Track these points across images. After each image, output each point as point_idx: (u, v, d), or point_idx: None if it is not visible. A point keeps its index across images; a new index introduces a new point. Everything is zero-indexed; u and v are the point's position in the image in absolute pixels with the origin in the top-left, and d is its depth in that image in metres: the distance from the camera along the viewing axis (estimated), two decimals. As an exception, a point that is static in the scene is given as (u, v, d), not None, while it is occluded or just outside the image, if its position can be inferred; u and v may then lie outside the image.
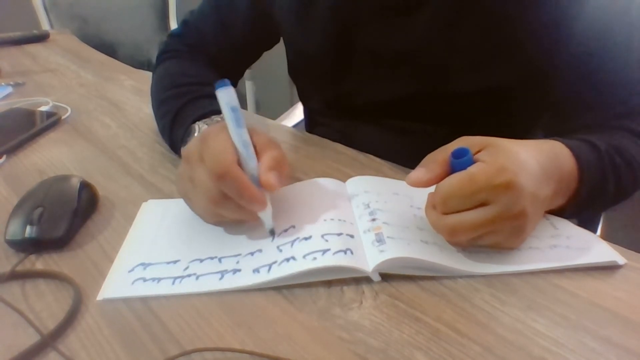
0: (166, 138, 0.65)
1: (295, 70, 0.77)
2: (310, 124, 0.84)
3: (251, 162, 0.45)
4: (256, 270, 0.42)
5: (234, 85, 0.80)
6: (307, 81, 0.77)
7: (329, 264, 0.41)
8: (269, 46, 0.80)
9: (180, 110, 0.62)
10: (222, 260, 0.44)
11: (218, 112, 0.57)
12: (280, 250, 0.44)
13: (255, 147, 0.46)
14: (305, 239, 0.44)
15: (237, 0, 0.73)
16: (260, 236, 0.47)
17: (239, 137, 0.45)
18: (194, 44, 0.76)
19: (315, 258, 0.41)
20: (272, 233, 0.46)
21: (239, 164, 0.44)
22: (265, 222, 0.46)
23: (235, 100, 0.45)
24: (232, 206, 0.44)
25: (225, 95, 0.45)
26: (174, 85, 0.67)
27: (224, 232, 0.48)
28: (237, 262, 0.43)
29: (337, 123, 0.76)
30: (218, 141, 0.44)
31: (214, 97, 0.61)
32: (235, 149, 0.44)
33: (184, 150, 0.48)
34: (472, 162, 0.42)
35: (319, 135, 0.72)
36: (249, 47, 0.79)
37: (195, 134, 0.56)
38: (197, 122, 0.57)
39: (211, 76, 0.70)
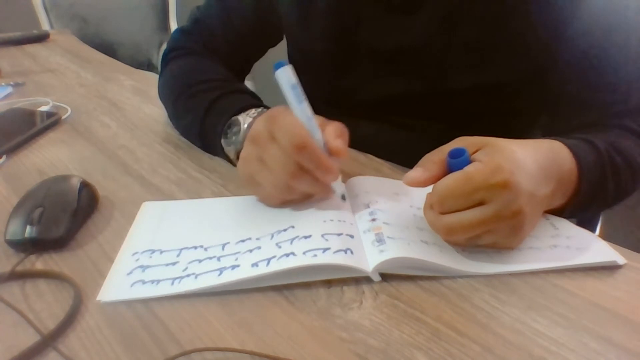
0: (194, 130, 0.64)
1: (296, 67, 0.77)
2: None
3: (317, 134, 0.47)
4: (255, 264, 0.42)
5: (241, 82, 0.81)
6: (307, 78, 0.77)
7: (329, 262, 0.41)
8: (274, 43, 0.81)
9: (214, 102, 0.61)
10: (221, 259, 0.44)
11: (256, 105, 0.58)
12: (280, 247, 0.44)
13: None
14: (305, 237, 0.44)
15: None
16: (258, 230, 0.47)
17: (302, 112, 0.46)
18: (206, 41, 0.76)
19: (315, 255, 0.41)
20: (344, 198, 0.49)
21: None
22: (337, 190, 0.49)
23: (294, 78, 0.47)
24: (307, 179, 0.46)
25: (285, 75, 0.47)
26: (201, 80, 0.67)
27: (222, 233, 0.48)
28: (236, 259, 0.43)
29: (337, 120, 0.76)
30: (288, 118, 0.46)
31: (245, 92, 0.63)
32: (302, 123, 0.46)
33: (250, 133, 0.49)
34: (469, 161, 0.42)
35: None
36: (255, 44, 0.79)
37: (243, 126, 0.56)
38: (240, 115, 0.57)
39: (229, 74, 0.70)
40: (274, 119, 0.46)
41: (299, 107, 0.46)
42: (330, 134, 0.47)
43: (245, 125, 0.56)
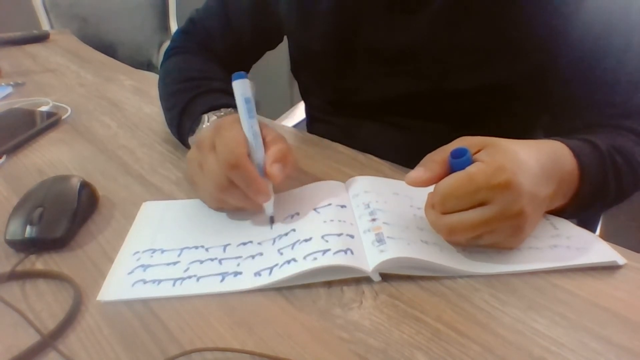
0: (174, 129, 0.65)
1: (297, 67, 0.77)
2: (311, 120, 0.85)
3: (259, 153, 0.47)
4: (257, 274, 0.42)
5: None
6: (308, 78, 0.77)
7: (329, 264, 0.41)
8: (273, 45, 0.81)
9: (189, 102, 0.62)
10: (223, 262, 0.44)
11: (227, 105, 0.58)
12: (281, 254, 0.44)
13: (263, 139, 0.49)
14: (306, 240, 0.44)
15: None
16: (260, 233, 0.47)
17: (250, 127, 0.47)
18: (202, 41, 0.76)
19: (315, 258, 0.41)
20: (272, 221, 0.48)
21: (248, 153, 0.46)
22: (266, 211, 0.48)
23: (249, 92, 0.47)
24: (238, 194, 0.46)
25: (240, 87, 0.47)
26: (183, 79, 0.67)
27: (223, 233, 0.48)
28: (238, 265, 0.43)
29: (337, 120, 0.76)
30: (231, 132, 0.46)
31: (222, 92, 0.62)
32: (246, 139, 0.46)
33: (197, 137, 0.50)
34: (470, 162, 0.42)
35: (319, 132, 0.72)
36: (254, 46, 0.79)
37: (204, 124, 0.57)
38: (207, 114, 0.58)
39: (220, 72, 0.70)
40: (219, 129, 0.47)
41: (248, 122, 0.47)
42: (270, 157, 0.47)
43: (208, 124, 0.57)
